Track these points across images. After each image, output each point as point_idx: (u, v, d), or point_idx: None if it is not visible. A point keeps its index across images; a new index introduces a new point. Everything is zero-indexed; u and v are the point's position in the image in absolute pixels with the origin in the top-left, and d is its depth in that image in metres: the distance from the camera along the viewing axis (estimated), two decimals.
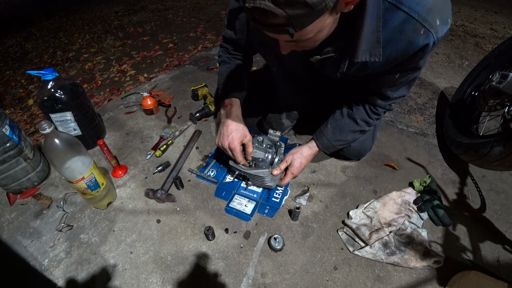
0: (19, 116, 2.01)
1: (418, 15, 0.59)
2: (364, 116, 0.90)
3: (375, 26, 0.62)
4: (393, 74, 0.75)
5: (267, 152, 1.01)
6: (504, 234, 0.90)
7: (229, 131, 0.87)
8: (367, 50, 0.66)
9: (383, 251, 0.80)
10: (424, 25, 0.59)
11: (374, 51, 0.66)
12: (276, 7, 0.44)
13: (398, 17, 0.60)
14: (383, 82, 0.80)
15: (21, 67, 2.82)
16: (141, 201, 0.99)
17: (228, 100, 0.95)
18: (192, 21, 3.18)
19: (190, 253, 0.84)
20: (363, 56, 0.67)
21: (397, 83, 0.79)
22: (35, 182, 1.03)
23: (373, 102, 0.86)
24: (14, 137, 0.92)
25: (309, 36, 0.54)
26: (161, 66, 2.17)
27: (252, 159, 1.00)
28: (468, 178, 1.08)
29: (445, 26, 0.62)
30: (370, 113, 0.89)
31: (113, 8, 4.26)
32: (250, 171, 0.93)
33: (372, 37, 0.63)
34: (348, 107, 0.93)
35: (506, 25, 2.64)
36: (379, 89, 0.83)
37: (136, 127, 1.34)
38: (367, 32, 0.62)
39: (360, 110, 0.90)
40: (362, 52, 0.66)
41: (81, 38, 3.17)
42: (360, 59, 0.67)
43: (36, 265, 0.82)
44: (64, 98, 1.02)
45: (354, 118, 0.91)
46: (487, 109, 1.07)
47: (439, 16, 0.60)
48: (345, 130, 0.93)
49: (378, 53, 0.66)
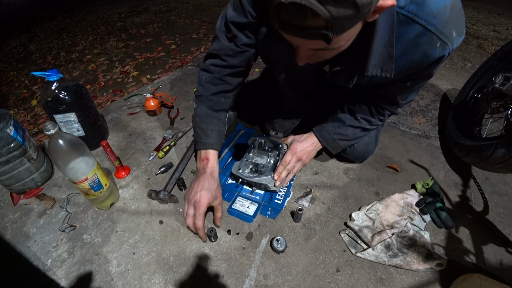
0: (23, 117, 2.02)
1: (435, 28, 0.57)
2: (366, 114, 0.89)
3: (387, 41, 0.60)
4: (405, 82, 0.75)
5: (268, 156, 1.01)
6: (507, 236, 0.90)
7: (199, 188, 0.81)
8: (378, 65, 0.65)
9: (385, 253, 0.80)
10: (440, 37, 0.58)
11: (386, 67, 0.65)
12: (319, 4, 0.38)
13: (414, 30, 0.59)
14: (394, 90, 0.79)
15: (25, 68, 2.84)
16: (144, 202, 0.99)
17: (204, 152, 0.87)
18: (194, 22, 3.19)
19: (192, 254, 0.84)
20: (374, 70, 0.66)
21: (408, 90, 0.78)
22: (38, 183, 1.04)
23: (380, 105, 0.86)
24: (18, 138, 0.93)
25: (341, 44, 0.50)
26: (164, 67, 2.18)
27: (254, 165, 1.00)
28: (471, 181, 1.08)
29: (461, 37, 0.61)
30: (374, 112, 0.88)
31: (116, 10, 4.28)
32: (253, 179, 0.93)
33: (384, 51, 0.62)
34: (350, 105, 0.93)
35: (509, 26, 2.64)
36: (389, 95, 0.82)
37: (139, 128, 1.35)
38: (378, 46, 0.61)
39: (362, 108, 0.90)
40: (373, 66, 0.65)
41: (84, 39, 3.19)
42: (370, 73, 0.66)
43: (39, 265, 0.83)
44: (68, 99, 1.03)
45: (354, 115, 0.91)
46: (490, 111, 1.07)
47: (455, 28, 0.59)
48: (344, 124, 0.92)
49: (390, 69, 0.65)
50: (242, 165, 0.98)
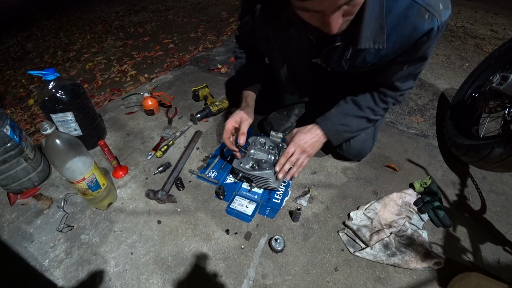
0: (20, 116, 2.01)
1: (422, 0, 0.60)
2: (370, 103, 0.88)
3: (378, 12, 0.62)
4: (401, 65, 0.76)
5: (269, 153, 1.01)
6: (504, 235, 0.90)
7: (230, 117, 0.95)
8: (370, 37, 0.66)
9: (383, 252, 0.80)
10: (428, 9, 0.61)
11: (378, 38, 0.66)
12: None
13: (402, 3, 0.61)
14: (392, 74, 0.80)
15: (22, 66, 2.83)
16: (142, 202, 0.99)
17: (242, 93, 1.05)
18: (192, 21, 3.19)
19: (190, 254, 0.84)
20: (367, 43, 0.67)
21: (406, 74, 0.79)
22: (35, 182, 1.03)
23: (383, 91, 0.86)
24: (15, 137, 0.92)
25: None
26: (162, 66, 2.17)
27: (255, 160, 1.00)
28: (468, 180, 1.08)
29: (447, 10, 0.63)
30: (378, 100, 0.87)
31: (113, 8, 4.26)
32: (254, 173, 0.93)
33: (375, 23, 0.64)
34: (353, 95, 0.92)
35: (506, 26, 2.65)
36: (388, 81, 0.83)
37: (136, 127, 1.34)
38: (370, 18, 0.63)
39: (366, 97, 0.89)
40: (366, 38, 0.67)
41: (81, 38, 3.18)
42: (363, 45, 0.67)
43: (37, 266, 0.82)
44: (65, 98, 1.02)
45: (358, 104, 0.89)
46: (488, 110, 1.07)
47: (441, 1, 0.62)
48: (349, 114, 0.90)
49: (382, 40, 0.66)
50: (244, 160, 0.98)
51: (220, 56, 2.12)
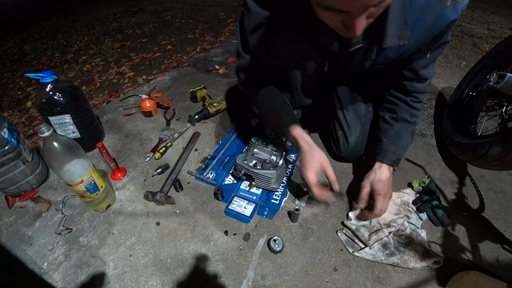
0: (18, 119, 2.00)
1: None
2: (410, 111, 0.87)
3: (401, 7, 0.60)
4: (424, 53, 0.74)
5: (272, 154, 1.02)
6: (503, 233, 0.90)
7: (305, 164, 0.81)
8: (395, 34, 0.64)
9: (382, 252, 0.80)
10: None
11: (403, 34, 0.64)
12: None
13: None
14: (417, 64, 0.78)
15: (20, 69, 2.82)
16: (140, 204, 0.99)
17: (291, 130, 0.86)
18: (190, 22, 3.19)
19: (189, 255, 0.84)
20: (391, 41, 0.65)
21: (430, 60, 0.77)
22: (34, 185, 1.03)
23: (413, 90, 0.84)
24: (13, 140, 0.92)
25: None
26: (160, 68, 2.17)
27: (258, 159, 1.01)
28: (466, 178, 1.08)
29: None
30: (413, 104, 0.86)
31: (111, 10, 4.26)
32: (258, 171, 0.93)
33: (399, 19, 0.62)
34: (388, 112, 0.89)
35: (503, 25, 2.65)
36: (415, 73, 0.80)
37: (135, 129, 1.34)
38: (394, 14, 0.61)
39: (403, 109, 0.86)
40: (390, 36, 0.65)
41: (79, 40, 3.17)
42: (388, 44, 0.66)
43: (35, 269, 0.82)
44: (63, 100, 1.02)
45: (404, 119, 0.87)
46: (485, 109, 1.07)
47: None
48: (403, 134, 0.87)
49: (407, 35, 0.64)
50: (248, 157, 0.99)
51: (218, 57, 2.12)
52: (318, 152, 0.81)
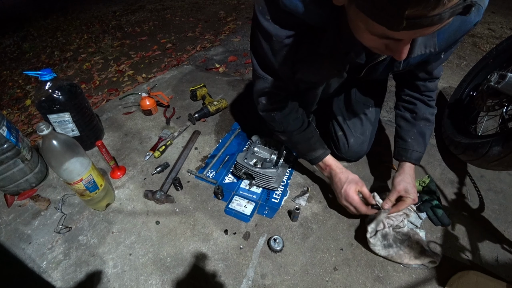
0: (17, 117, 2.00)
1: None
2: (428, 109, 0.88)
3: None
4: (439, 54, 0.74)
5: (272, 153, 1.02)
6: (502, 233, 0.90)
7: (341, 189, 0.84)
8: (421, 43, 0.64)
9: (381, 241, 0.80)
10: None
11: (429, 42, 0.64)
12: None
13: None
14: (432, 66, 0.79)
15: (19, 67, 2.81)
16: (140, 203, 0.99)
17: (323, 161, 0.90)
18: (190, 21, 3.18)
19: (189, 254, 0.84)
20: (419, 49, 0.65)
21: (443, 61, 0.78)
22: (33, 184, 1.03)
23: (426, 89, 0.85)
24: (12, 138, 0.91)
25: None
26: (160, 66, 2.17)
27: (258, 158, 1.01)
28: (466, 178, 1.08)
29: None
30: (429, 102, 0.87)
31: (111, 8, 4.24)
32: (259, 170, 0.93)
33: None
34: (407, 111, 0.90)
35: (503, 25, 2.65)
36: (429, 74, 0.81)
37: (134, 127, 1.34)
38: None
39: (422, 107, 0.87)
40: (418, 45, 0.64)
41: (78, 38, 3.16)
42: (416, 53, 0.65)
43: (34, 267, 0.82)
44: (62, 99, 1.01)
45: (425, 118, 0.88)
46: (486, 109, 1.07)
47: None
48: (426, 133, 0.88)
49: (433, 43, 0.63)
50: (248, 156, 0.98)
51: (218, 56, 2.11)
52: (348, 173, 0.86)
